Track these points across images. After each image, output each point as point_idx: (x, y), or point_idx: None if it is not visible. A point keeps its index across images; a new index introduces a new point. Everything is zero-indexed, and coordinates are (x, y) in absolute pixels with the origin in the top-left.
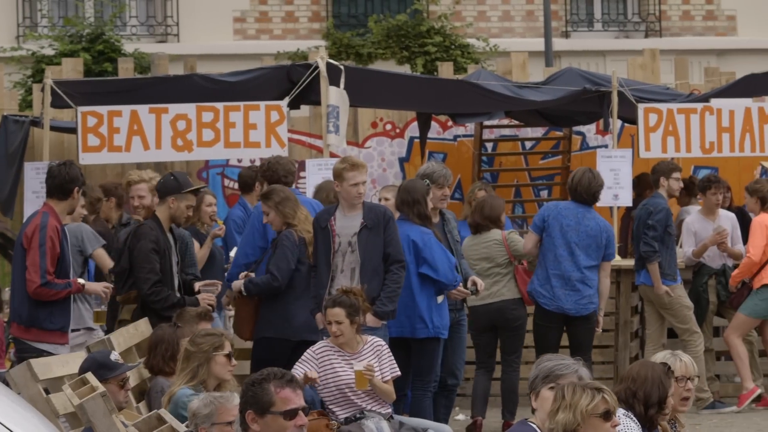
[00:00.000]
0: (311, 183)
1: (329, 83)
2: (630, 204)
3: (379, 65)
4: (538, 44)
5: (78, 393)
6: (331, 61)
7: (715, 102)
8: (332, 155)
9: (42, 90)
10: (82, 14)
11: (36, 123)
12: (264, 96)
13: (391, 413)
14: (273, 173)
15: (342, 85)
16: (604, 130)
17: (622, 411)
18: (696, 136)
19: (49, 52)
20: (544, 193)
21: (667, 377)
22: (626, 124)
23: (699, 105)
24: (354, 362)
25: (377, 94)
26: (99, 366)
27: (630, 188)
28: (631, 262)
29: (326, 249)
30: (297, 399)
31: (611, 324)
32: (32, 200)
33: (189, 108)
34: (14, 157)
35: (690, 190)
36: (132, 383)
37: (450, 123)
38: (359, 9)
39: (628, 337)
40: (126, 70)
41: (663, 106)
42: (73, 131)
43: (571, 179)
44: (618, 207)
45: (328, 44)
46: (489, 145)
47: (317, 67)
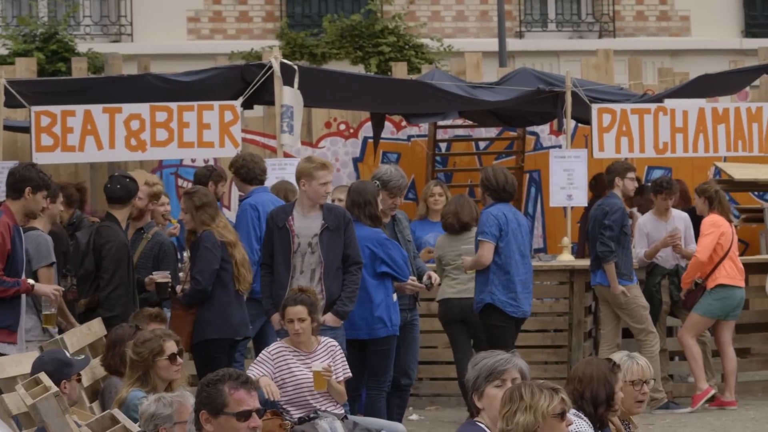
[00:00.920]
0: (265, 183)
1: (283, 83)
2: (585, 204)
3: (334, 65)
4: (492, 44)
5: (31, 393)
6: (285, 61)
7: (669, 102)
8: (286, 155)
9: None
10: (36, 14)
11: None
12: (218, 96)
13: (345, 413)
14: (249, 171)
15: (296, 85)
16: (558, 131)
17: (573, 411)
18: (650, 137)
19: (3, 52)
20: None
21: (613, 373)
22: (580, 125)
23: (653, 105)
24: (310, 363)
25: (332, 94)
26: (62, 364)
27: (585, 188)
28: (585, 262)
29: (285, 249)
30: (251, 400)
31: (565, 324)
32: None
33: (143, 108)
34: None
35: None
36: (85, 383)
37: (404, 123)
38: (313, 9)
39: (582, 337)
40: (80, 70)
41: (617, 107)
42: (27, 131)
43: (494, 180)
44: (572, 207)
45: (282, 44)
46: (443, 145)
47: (271, 67)
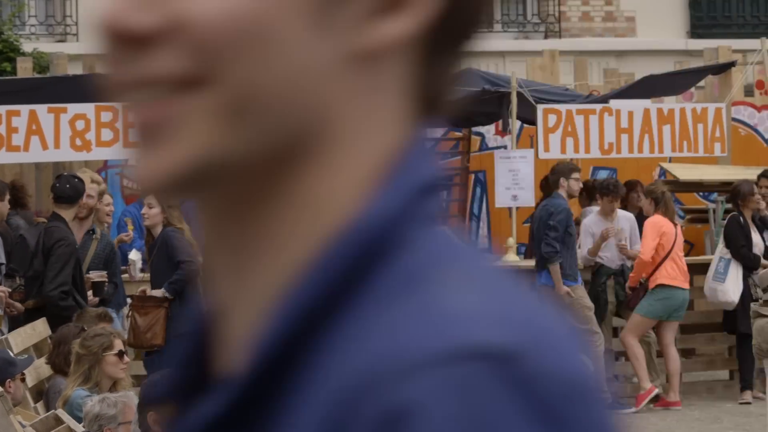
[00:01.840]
0: None
1: None
2: (532, 204)
3: None
4: None
5: None
6: None
7: (614, 103)
8: None
9: None
10: None
11: None
12: None
13: None
14: None
15: None
16: (503, 131)
17: None
18: (595, 137)
19: None
20: (443, 194)
21: None
22: (525, 125)
23: (598, 106)
24: None
25: None
26: (6, 364)
27: (531, 189)
28: (529, 263)
29: None
30: None
31: None
32: None
33: (88, 108)
34: None
35: (590, 193)
36: (30, 383)
37: None
38: None
39: None
40: (25, 70)
41: (562, 107)
42: None
43: None
44: (517, 208)
45: None
46: None
47: None
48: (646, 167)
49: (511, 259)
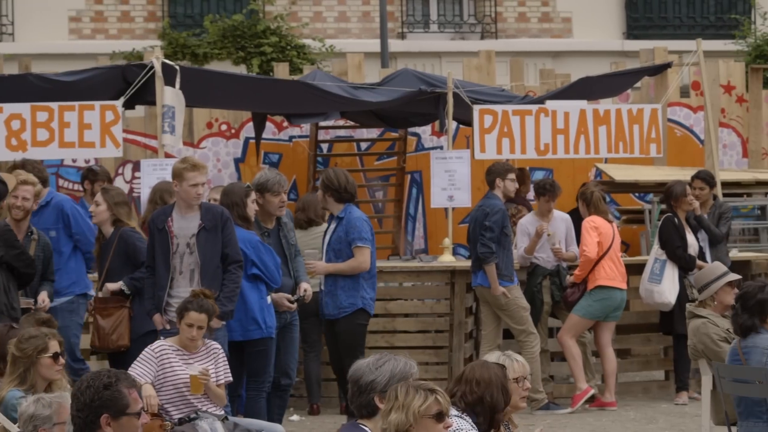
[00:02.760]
0: (146, 183)
1: (165, 83)
2: (468, 205)
3: (215, 65)
4: (374, 45)
5: None
6: (167, 61)
7: (550, 104)
8: (167, 155)
9: None
10: None
11: None
12: (99, 96)
13: (226, 414)
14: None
15: (177, 85)
16: (440, 132)
17: (455, 412)
18: (531, 138)
19: None
20: (380, 194)
21: (507, 380)
22: (461, 126)
23: (534, 107)
24: (190, 366)
25: (213, 95)
26: None
27: (467, 189)
28: (466, 263)
29: (164, 250)
30: (139, 399)
31: (446, 325)
32: None
33: (23, 108)
34: None
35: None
36: None
37: (285, 124)
38: (195, 9)
39: (463, 338)
40: None
41: (498, 108)
42: None
43: (336, 180)
44: (453, 208)
45: (164, 44)
46: (324, 146)
47: (152, 67)
48: (582, 168)
49: (447, 260)
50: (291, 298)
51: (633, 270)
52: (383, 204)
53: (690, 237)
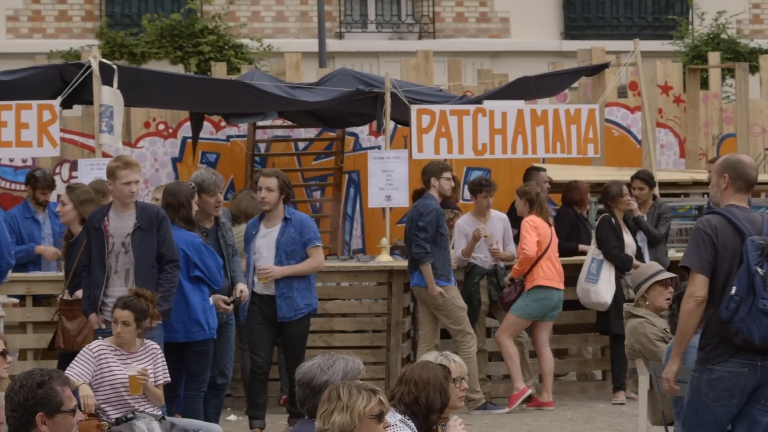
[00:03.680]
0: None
1: (102, 83)
2: (406, 205)
3: (153, 65)
4: (312, 45)
5: None
6: (104, 61)
7: (488, 104)
8: (104, 155)
9: None
10: None
11: None
12: (36, 95)
13: (163, 414)
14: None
15: (115, 85)
16: (377, 132)
17: (399, 416)
18: (468, 138)
19: None
20: (317, 194)
21: (447, 381)
22: (399, 126)
23: (472, 107)
24: (129, 366)
25: (150, 94)
26: None
27: (405, 189)
28: (403, 263)
29: (100, 250)
30: (73, 396)
31: (383, 325)
32: None
33: None
34: None
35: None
36: None
37: (223, 123)
38: (133, 8)
39: (400, 338)
40: None
41: (436, 108)
42: None
43: (290, 183)
44: (391, 208)
45: (102, 43)
46: (262, 146)
47: (90, 67)
48: (520, 168)
49: (385, 260)
50: (227, 300)
51: (570, 270)
52: (321, 204)
53: (627, 237)
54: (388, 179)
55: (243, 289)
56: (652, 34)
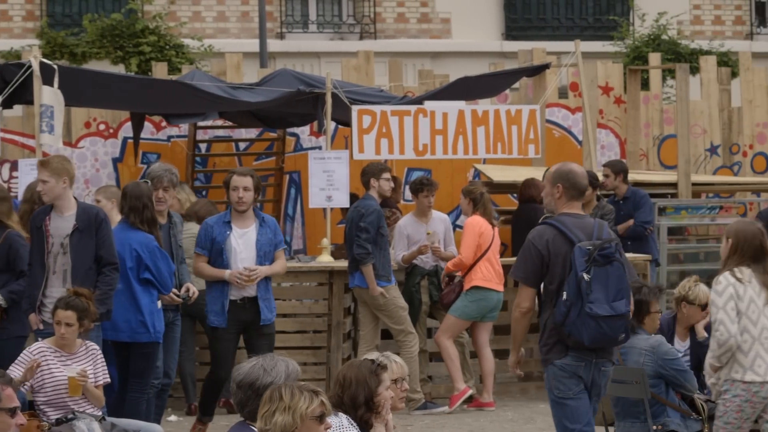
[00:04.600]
0: (23, 183)
1: (43, 83)
2: (347, 205)
3: (94, 65)
4: (253, 45)
5: None
6: (45, 61)
7: (429, 104)
8: (45, 155)
9: None
10: None
11: None
12: None
13: (103, 415)
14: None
15: (56, 85)
16: (318, 132)
17: (345, 416)
18: (410, 138)
19: None
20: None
21: (375, 375)
22: (340, 126)
23: (413, 107)
24: (68, 367)
25: (91, 94)
26: None
27: (346, 190)
28: (343, 264)
29: (40, 250)
30: (16, 397)
31: (324, 325)
32: None
33: None
34: None
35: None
36: None
37: (164, 123)
38: (74, 8)
39: (341, 339)
40: None
41: (377, 108)
42: None
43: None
44: (332, 209)
45: (42, 43)
46: (203, 146)
47: (30, 66)
48: (461, 168)
49: (325, 260)
50: (178, 293)
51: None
52: (262, 204)
53: None
54: (329, 180)
55: (189, 287)
56: (593, 35)
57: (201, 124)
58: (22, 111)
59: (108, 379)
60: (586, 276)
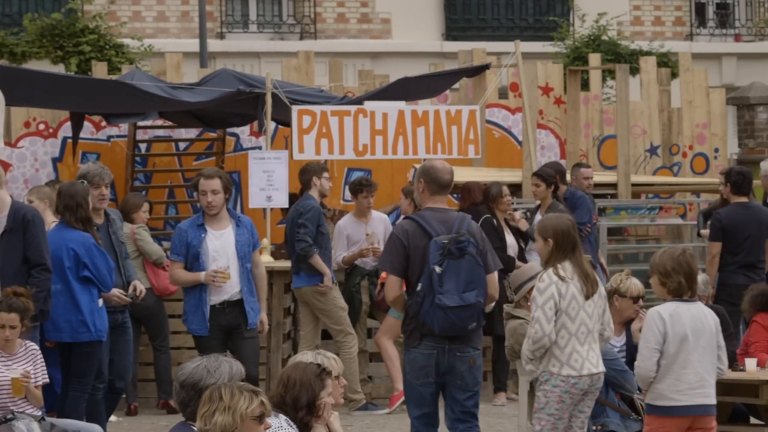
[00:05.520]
0: None
1: None
2: (286, 205)
3: (33, 64)
4: (193, 45)
5: None
6: None
7: (369, 104)
8: None
9: None
10: None
11: None
12: None
13: (42, 415)
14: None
15: None
16: (258, 132)
17: (284, 417)
18: (350, 139)
19: None
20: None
21: (319, 379)
22: (280, 126)
23: (353, 107)
24: (11, 365)
25: (31, 94)
26: None
27: (286, 190)
28: (284, 264)
29: None
30: None
31: None
32: None
33: None
34: None
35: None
36: None
37: (103, 123)
38: (14, 8)
39: (281, 339)
40: None
41: (317, 108)
42: None
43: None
44: (272, 209)
45: None
46: (143, 146)
47: None
48: (401, 169)
49: (266, 260)
50: (124, 293)
51: None
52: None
53: (509, 238)
54: (269, 180)
55: (136, 285)
56: (533, 36)
57: (141, 124)
58: None
59: (47, 379)
60: (438, 268)
